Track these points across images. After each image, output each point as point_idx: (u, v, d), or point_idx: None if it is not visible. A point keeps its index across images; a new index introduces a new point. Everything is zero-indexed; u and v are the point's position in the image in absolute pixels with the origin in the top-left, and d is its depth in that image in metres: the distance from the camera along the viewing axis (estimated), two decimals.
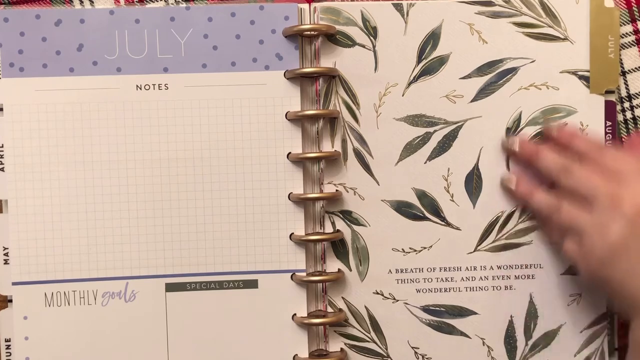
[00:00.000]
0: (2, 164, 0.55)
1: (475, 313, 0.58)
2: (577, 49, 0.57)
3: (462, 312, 0.58)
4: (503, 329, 0.58)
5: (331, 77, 0.57)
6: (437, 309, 0.58)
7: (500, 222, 0.58)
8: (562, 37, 0.57)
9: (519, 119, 0.57)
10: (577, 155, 0.54)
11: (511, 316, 0.58)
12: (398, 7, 0.56)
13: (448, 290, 0.58)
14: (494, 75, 0.57)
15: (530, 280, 0.58)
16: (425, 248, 0.57)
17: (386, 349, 0.58)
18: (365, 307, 0.57)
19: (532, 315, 0.58)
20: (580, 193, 0.52)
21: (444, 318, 0.58)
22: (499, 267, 0.58)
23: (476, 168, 0.57)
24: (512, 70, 0.57)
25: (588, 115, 0.58)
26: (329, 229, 0.57)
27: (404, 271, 0.57)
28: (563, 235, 0.53)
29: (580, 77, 0.57)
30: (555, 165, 0.54)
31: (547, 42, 0.57)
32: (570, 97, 0.58)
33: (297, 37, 0.56)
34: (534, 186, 0.56)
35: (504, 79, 0.57)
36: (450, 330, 0.58)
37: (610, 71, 0.58)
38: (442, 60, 0.57)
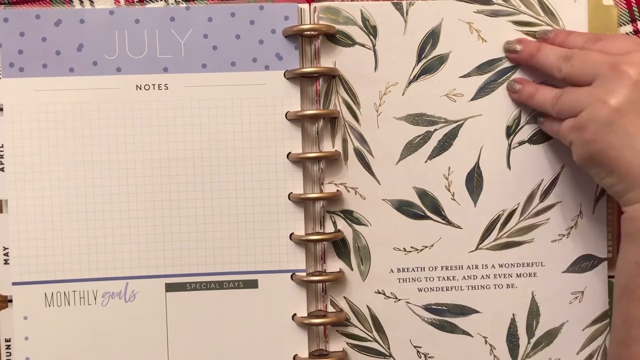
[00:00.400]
0: (2, 164, 0.55)
1: (477, 312, 0.58)
2: None
3: (464, 310, 0.58)
4: (505, 327, 0.58)
5: (331, 76, 0.57)
6: (439, 307, 0.58)
7: (502, 220, 0.57)
8: None
9: (518, 117, 0.57)
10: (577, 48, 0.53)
11: (513, 314, 0.58)
12: (398, 6, 0.56)
13: (450, 289, 0.58)
14: (494, 74, 0.57)
15: (531, 279, 0.58)
16: (426, 247, 0.57)
17: (388, 349, 0.57)
18: (367, 306, 0.57)
19: (534, 313, 0.58)
20: (581, 74, 0.51)
21: (446, 317, 0.58)
22: (500, 266, 0.58)
23: (477, 166, 0.57)
24: (512, 69, 0.57)
25: None
26: (330, 228, 0.57)
27: (406, 270, 0.57)
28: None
29: None
30: (556, 56, 0.53)
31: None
32: None
33: (297, 37, 0.56)
34: (538, 85, 0.56)
35: (504, 77, 0.57)
36: (453, 329, 0.58)
37: None
38: (441, 59, 0.57)
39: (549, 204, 0.58)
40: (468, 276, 0.58)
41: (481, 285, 0.58)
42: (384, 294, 0.57)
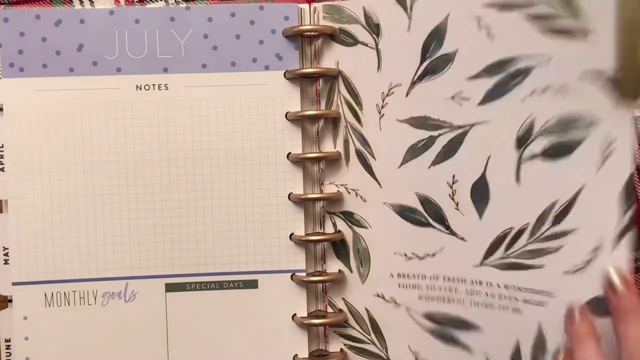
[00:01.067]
0: (2, 164, 0.56)
1: (479, 328, 0.54)
2: (602, 46, 0.48)
3: (465, 325, 0.54)
4: (509, 350, 0.53)
5: (333, 77, 0.56)
6: (440, 317, 0.55)
7: (509, 238, 0.52)
8: (583, 32, 0.49)
9: (531, 127, 0.51)
10: None
11: (517, 340, 0.52)
12: (401, 1, 0.54)
13: (452, 301, 0.54)
14: (505, 76, 0.51)
15: (539, 308, 0.51)
16: (428, 255, 0.55)
17: (386, 352, 0.57)
18: (366, 309, 0.57)
19: (540, 347, 0.52)
20: None
21: (446, 327, 0.55)
22: (506, 287, 0.52)
23: (483, 177, 0.52)
24: (525, 71, 0.51)
25: (615, 126, 0.48)
26: (330, 229, 0.57)
27: (406, 276, 0.56)
28: None
29: (607, 80, 0.48)
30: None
31: (566, 38, 0.50)
32: (593, 104, 0.48)
33: (297, 37, 0.56)
34: (595, 333, 0.48)
35: (516, 81, 0.51)
36: (452, 340, 0.55)
37: None
38: (447, 59, 0.53)
39: (563, 229, 0.50)
40: (471, 291, 0.53)
41: (484, 303, 0.53)
42: (384, 298, 0.56)
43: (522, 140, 0.51)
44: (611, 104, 0.48)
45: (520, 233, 0.52)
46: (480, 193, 0.53)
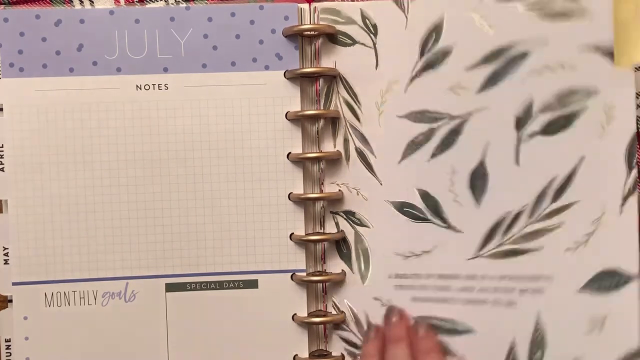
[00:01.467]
0: (2, 164, 0.56)
1: (470, 331, 0.52)
2: (597, 23, 0.50)
3: (456, 327, 0.53)
4: (502, 353, 0.51)
5: (332, 77, 0.56)
6: (431, 322, 0.53)
7: (507, 223, 0.51)
8: (578, 12, 0.50)
9: (530, 106, 0.51)
10: None
11: (513, 338, 0.51)
12: (398, 2, 0.55)
13: (443, 301, 0.53)
14: (503, 63, 0.52)
15: (537, 296, 0.50)
16: (425, 252, 0.54)
17: None
18: (365, 312, 0.56)
19: (538, 342, 0.50)
20: None
21: (437, 333, 0.53)
22: (501, 278, 0.51)
23: (482, 164, 0.52)
24: (523, 55, 0.51)
25: (614, 93, 0.50)
26: (332, 229, 0.57)
27: (403, 276, 0.55)
28: None
29: (604, 53, 0.50)
30: None
31: (561, 21, 0.50)
32: (591, 76, 0.50)
33: (297, 37, 0.56)
34: None
35: (514, 65, 0.52)
36: (444, 349, 0.53)
37: (639, 41, 0.49)
38: (445, 52, 0.53)
39: (564, 204, 0.50)
40: (464, 288, 0.52)
41: (477, 300, 0.52)
42: (381, 302, 0.55)
43: (522, 121, 0.52)
44: (609, 72, 0.50)
45: (518, 216, 0.51)
46: (478, 180, 0.53)
